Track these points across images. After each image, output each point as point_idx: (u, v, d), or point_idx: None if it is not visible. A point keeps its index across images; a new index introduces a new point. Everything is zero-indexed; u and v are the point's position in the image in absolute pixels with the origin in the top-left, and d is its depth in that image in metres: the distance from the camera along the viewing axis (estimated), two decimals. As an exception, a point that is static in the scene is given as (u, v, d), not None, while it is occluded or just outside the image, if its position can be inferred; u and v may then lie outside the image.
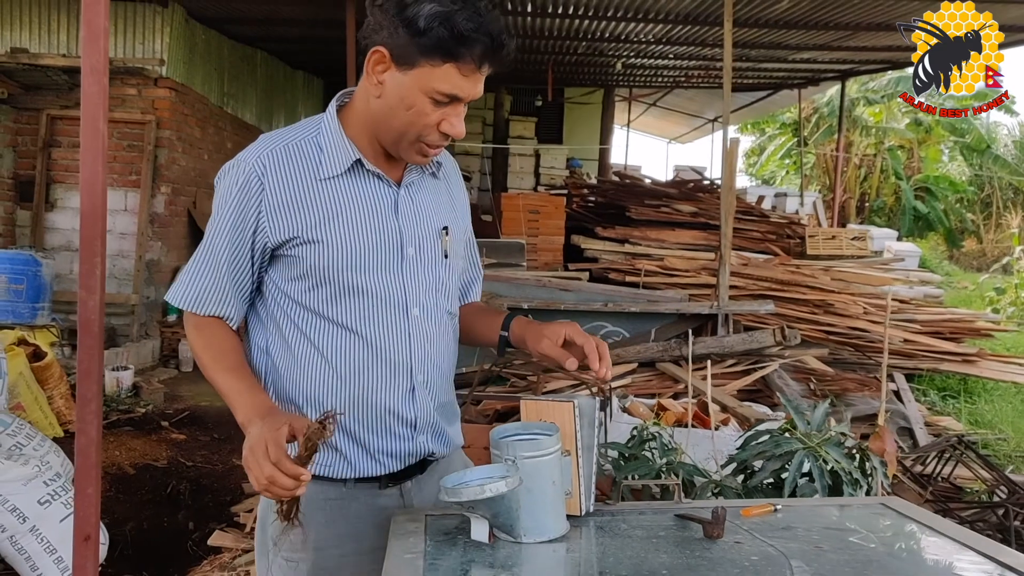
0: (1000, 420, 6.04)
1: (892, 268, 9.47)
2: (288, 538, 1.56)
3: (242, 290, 1.56)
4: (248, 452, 1.33)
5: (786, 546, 1.41)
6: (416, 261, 1.56)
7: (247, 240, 1.51)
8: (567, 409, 1.50)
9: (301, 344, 1.55)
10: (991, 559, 1.37)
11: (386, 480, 1.60)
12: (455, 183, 1.70)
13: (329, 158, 1.52)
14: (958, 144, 19.94)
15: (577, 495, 1.50)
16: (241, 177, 1.49)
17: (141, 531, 4.26)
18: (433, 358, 1.60)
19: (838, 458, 2.52)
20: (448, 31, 1.36)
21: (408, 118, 1.44)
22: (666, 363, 5.72)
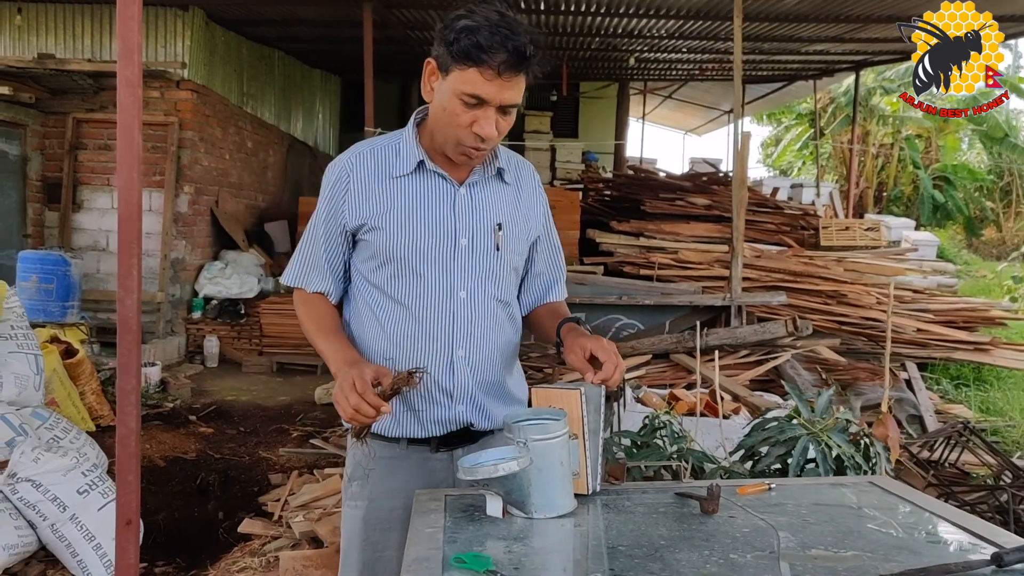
0: (1011, 408, 6.10)
1: (906, 258, 9.51)
2: (351, 488, 1.86)
3: (335, 268, 1.84)
4: (338, 389, 1.60)
5: (775, 520, 1.53)
6: (469, 251, 1.78)
7: (337, 225, 1.80)
8: (574, 396, 1.63)
9: (368, 317, 1.82)
10: (964, 529, 1.48)
11: (436, 444, 1.82)
12: (527, 190, 1.89)
13: (402, 160, 1.78)
14: (976, 132, 19.80)
15: (584, 475, 1.63)
16: (335, 174, 1.80)
17: (173, 521, 4.43)
18: (476, 337, 1.80)
19: (841, 443, 2.62)
20: (472, 41, 1.59)
21: (446, 119, 1.67)
22: (680, 354, 5.83)
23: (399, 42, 9.28)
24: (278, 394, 6.77)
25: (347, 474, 1.89)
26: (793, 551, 1.39)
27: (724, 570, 1.31)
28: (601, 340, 1.73)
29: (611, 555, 1.39)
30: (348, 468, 1.89)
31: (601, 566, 1.35)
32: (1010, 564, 1.29)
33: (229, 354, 7.75)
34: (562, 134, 13.74)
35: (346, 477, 1.89)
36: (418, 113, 1.82)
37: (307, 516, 3.72)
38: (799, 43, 9.59)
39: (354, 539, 1.84)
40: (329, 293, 1.86)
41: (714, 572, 1.31)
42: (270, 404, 6.47)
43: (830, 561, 1.35)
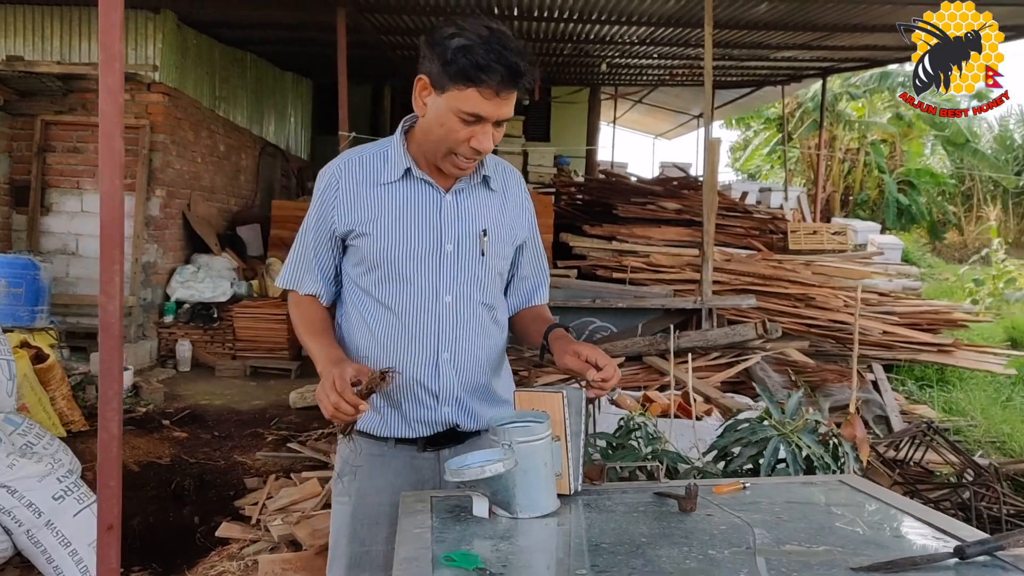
0: (973, 408, 6.26)
1: (872, 262, 9.69)
2: (340, 484, 1.92)
3: (325, 272, 1.90)
4: (320, 388, 1.66)
5: (751, 517, 1.60)
6: (454, 256, 1.83)
7: (326, 231, 1.86)
8: (557, 399, 1.69)
9: (357, 320, 1.88)
10: (929, 524, 1.56)
11: (423, 444, 1.88)
12: (513, 197, 1.94)
13: (390, 167, 1.84)
14: (939, 138, 20.20)
15: (566, 476, 1.69)
16: (325, 181, 1.86)
17: (148, 526, 4.41)
18: (461, 341, 1.85)
19: (810, 444, 2.70)
20: (469, 61, 1.63)
21: (441, 134, 1.72)
22: (652, 357, 5.91)
23: (372, 46, 9.29)
24: (252, 398, 6.75)
25: (337, 470, 1.95)
26: (768, 547, 1.45)
27: (703, 565, 1.37)
28: (595, 347, 1.79)
29: (594, 552, 1.45)
30: (337, 465, 1.95)
31: (585, 563, 1.41)
32: (972, 556, 1.36)
33: (202, 358, 7.71)
34: (534, 138, 13.81)
35: (336, 473, 1.95)
36: (405, 121, 1.86)
37: (285, 519, 3.74)
38: (767, 50, 9.74)
39: (342, 533, 1.89)
40: (320, 296, 1.92)
41: (694, 567, 1.36)
42: (244, 408, 6.45)
43: (803, 556, 1.41)
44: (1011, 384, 7.04)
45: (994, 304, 11.25)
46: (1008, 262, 12.85)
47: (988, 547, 1.37)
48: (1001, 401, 6.52)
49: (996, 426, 5.84)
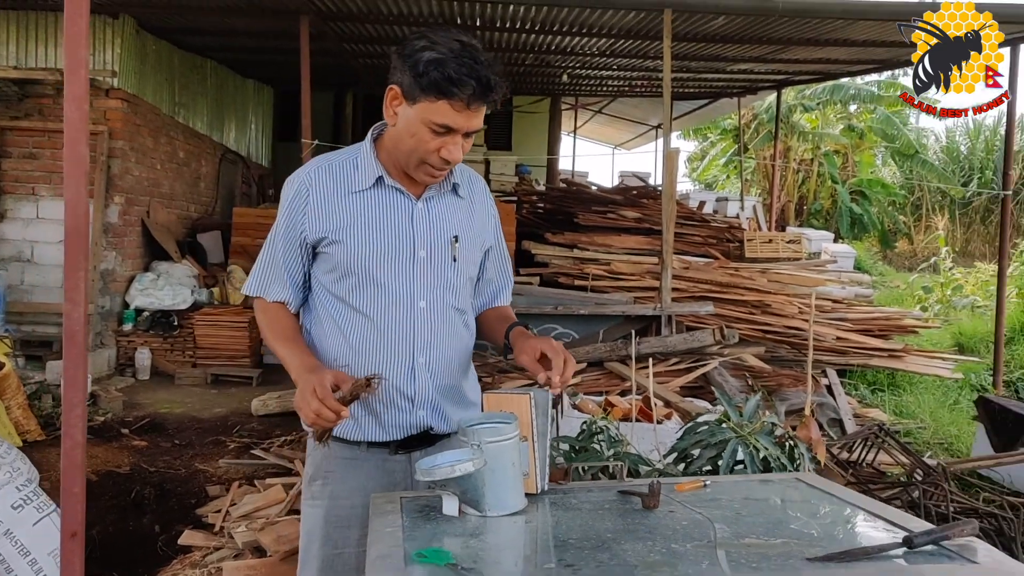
0: (922, 411, 6.45)
1: (826, 269, 9.92)
2: (312, 488, 1.93)
3: (294, 278, 1.91)
4: (299, 395, 1.69)
5: (711, 513, 1.66)
6: (427, 262, 1.87)
7: (296, 237, 1.87)
8: (524, 401, 1.74)
9: (329, 326, 1.89)
10: (880, 517, 1.64)
11: (395, 447, 1.91)
12: (480, 203, 1.99)
13: (360, 175, 1.86)
14: (889, 149, 20.70)
15: (533, 475, 1.74)
16: (294, 189, 1.88)
17: (107, 535, 4.36)
18: (436, 345, 1.89)
19: (767, 445, 2.78)
20: (441, 74, 1.66)
21: (412, 144, 1.76)
22: (613, 362, 5.99)
23: (334, 54, 9.28)
24: (213, 406, 6.70)
25: (308, 474, 1.96)
26: (728, 540, 1.52)
27: (667, 558, 1.43)
28: (550, 340, 1.84)
29: (562, 548, 1.50)
30: (309, 469, 1.96)
31: (552, 558, 1.46)
32: (919, 546, 1.44)
33: (162, 366, 7.63)
34: (496, 147, 13.89)
35: (307, 477, 1.96)
36: (375, 129, 1.90)
37: (249, 526, 3.73)
38: (724, 62, 9.93)
39: (314, 536, 1.91)
40: (289, 302, 1.93)
41: (657, 560, 1.42)
42: (206, 416, 6.40)
43: (761, 548, 1.48)
44: (958, 388, 7.26)
45: (942, 311, 11.57)
46: (955, 270, 13.23)
47: (934, 537, 1.45)
48: (948, 404, 6.73)
49: (944, 428, 6.04)
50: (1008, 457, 4.18)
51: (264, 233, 2.00)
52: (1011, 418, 4.78)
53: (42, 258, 7.59)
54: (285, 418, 6.16)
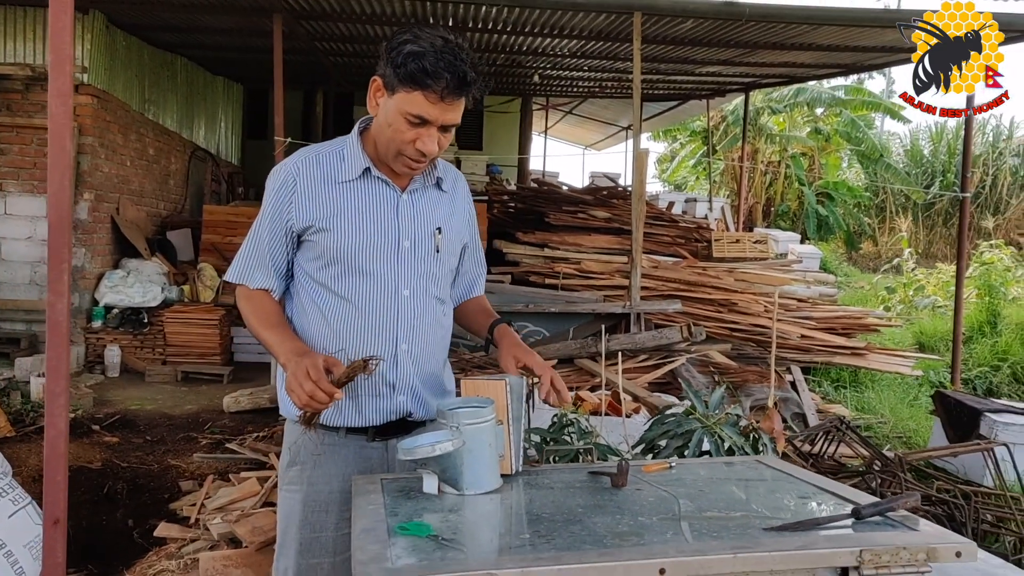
0: (883, 406, 6.63)
1: (791, 269, 10.12)
2: (289, 474, 1.98)
3: (278, 266, 1.95)
4: (291, 377, 1.72)
5: (676, 490, 1.76)
6: (411, 252, 1.93)
7: (282, 226, 1.91)
8: (500, 386, 1.83)
9: (313, 313, 1.94)
10: (832, 493, 1.75)
11: (373, 433, 1.96)
12: (461, 200, 2.07)
13: (347, 166, 1.92)
14: (855, 152, 21.07)
15: (509, 456, 1.83)
16: (281, 179, 1.92)
17: (80, 529, 4.37)
18: (418, 332, 1.96)
19: (732, 435, 2.89)
20: (418, 66, 1.73)
21: (389, 134, 1.82)
22: (584, 359, 6.10)
23: (305, 53, 9.31)
24: (184, 403, 6.70)
25: (285, 461, 2.00)
26: (691, 514, 1.62)
27: (634, 529, 1.53)
28: (534, 354, 1.94)
29: (536, 522, 1.59)
30: (286, 456, 2.01)
31: (526, 530, 1.55)
32: (867, 516, 1.55)
33: (132, 364, 7.60)
34: (467, 146, 13.97)
35: (284, 464, 2.01)
36: (362, 122, 1.96)
37: (225, 518, 3.78)
38: (693, 65, 10.09)
39: (292, 520, 1.95)
40: (272, 290, 1.97)
41: (625, 531, 1.52)
42: (176, 413, 6.40)
43: (722, 520, 1.58)
44: (918, 385, 7.47)
45: (904, 311, 11.83)
46: (917, 271, 13.53)
47: (880, 508, 1.57)
48: (908, 400, 6.92)
49: (903, 422, 6.22)
50: (961, 446, 4.34)
51: (234, 231, 2.06)
52: (966, 412, 4.96)
53: (10, 255, 7.53)
54: (257, 414, 6.19)
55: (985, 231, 18.90)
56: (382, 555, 1.39)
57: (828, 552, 1.42)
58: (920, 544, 1.44)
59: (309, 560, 1.94)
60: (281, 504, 2.00)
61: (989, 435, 4.66)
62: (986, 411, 4.86)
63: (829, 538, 1.48)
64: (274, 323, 1.92)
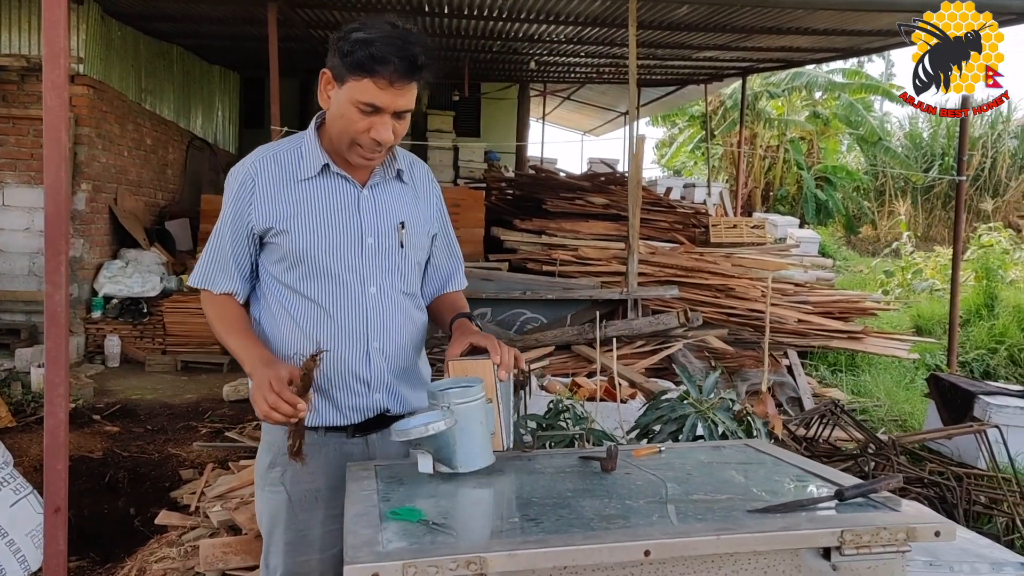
0: (879, 390, 6.67)
1: (788, 254, 10.13)
2: (271, 475, 1.94)
3: (242, 269, 1.91)
4: (255, 388, 1.70)
5: (664, 474, 1.79)
6: (375, 249, 1.91)
7: (244, 228, 1.88)
8: (487, 365, 1.83)
9: (281, 315, 1.91)
10: (816, 475, 1.78)
11: (352, 431, 1.95)
12: (423, 189, 2.03)
13: (306, 163, 1.89)
14: (853, 136, 21.05)
15: (499, 433, 1.84)
16: (239, 179, 1.89)
17: (82, 518, 4.42)
18: (388, 329, 1.94)
19: (725, 420, 2.92)
20: (365, 52, 1.71)
21: (343, 125, 1.80)
22: (581, 345, 6.13)
23: (300, 40, 9.29)
24: (184, 392, 6.74)
25: (265, 461, 1.98)
26: (678, 497, 1.65)
27: (621, 511, 1.56)
28: (490, 337, 1.89)
29: (525, 505, 1.62)
30: (266, 456, 1.98)
31: (516, 513, 1.58)
32: (849, 498, 1.58)
33: (132, 353, 7.64)
34: (464, 133, 13.94)
35: (263, 464, 1.98)
36: (318, 117, 1.92)
37: (224, 506, 3.81)
38: (690, 50, 10.07)
39: (278, 520, 1.94)
40: (236, 293, 1.93)
41: (613, 514, 1.55)
42: (177, 402, 6.44)
43: (708, 503, 1.61)
44: (914, 368, 7.50)
45: (903, 294, 11.85)
46: (916, 254, 13.54)
47: (863, 490, 1.59)
48: (904, 383, 6.96)
49: (899, 406, 6.26)
50: (954, 429, 4.38)
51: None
52: (960, 394, 4.99)
53: (9, 246, 7.55)
54: (257, 403, 6.22)
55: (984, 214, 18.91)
56: (374, 539, 1.42)
57: (810, 533, 1.45)
58: (900, 524, 1.47)
59: (297, 558, 1.94)
60: (265, 504, 1.98)
61: (983, 417, 4.69)
62: (980, 394, 4.89)
63: (811, 519, 1.51)
64: (239, 329, 1.88)
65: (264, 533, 1.99)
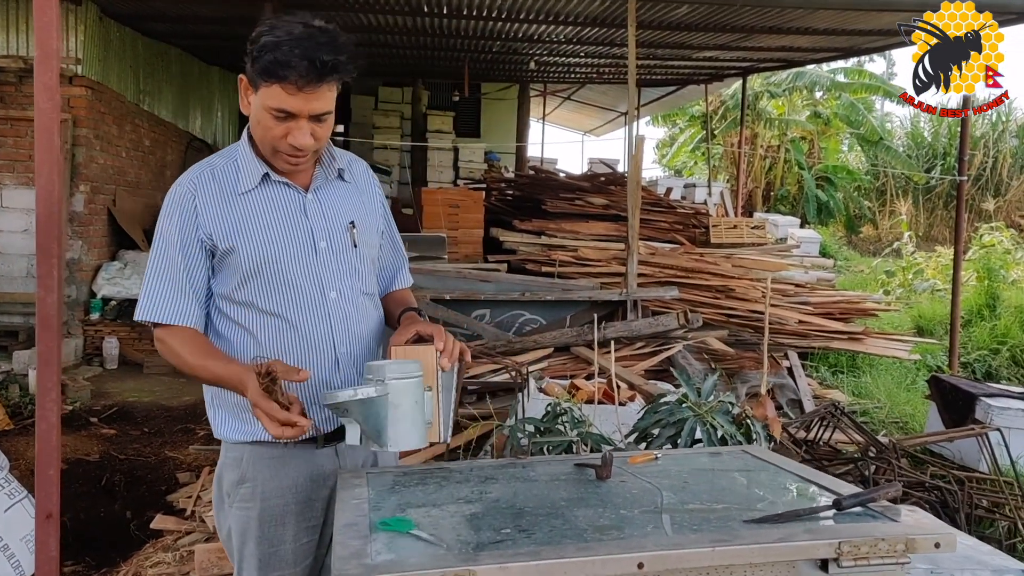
0: (880, 391, 6.63)
1: (789, 254, 10.10)
2: (240, 491, 1.87)
3: (199, 294, 1.83)
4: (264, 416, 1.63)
5: (660, 482, 1.76)
6: (329, 252, 1.86)
7: (195, 244, 1.80)
8: (430, 351, 1.78)
9: (239, 335, 1.85)
10: (814, 483, 1.75)
11: (322, 440, 1.90)
12: (364, 185, 1.99)
13: (244, 175, 1.83)
14: (854, 136, 21.00)
15: (437, 424, 1.78)
16: (180, 199, 1.81)
17: (79, 521, 4.41)
18: (354, 332, 1.90)
19: (724, 423, 2.89)
20: (271, 57, 1.65)
21: (261, 132, 1.76)
22: (580, 347, 6.10)
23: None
24: (182, 395, 6.71)
25: (233, 477, 1.89)
26: (674, 506, 1.62)
27: (615, 522, 1.53)
28: (438, 327, 1.84)
29: (518, 515, 1.59)
30: (232, 472, 1.89)
31: (509, 524, 1.55)
32: (847, 507, 1.55)
33: (130, 355, 7.62)
34: (464, 134, 13.93)
35: (230, 480, 1.89)
36: (248, 127, 1.86)
37: (221, 510, 3.79)
38: (690, 50, 10.05)
39: (248, 537, 1.88)
40: (196, 321, 1.82)
41: (606, 524, 1.52)
42: (174, 404, 6.42)
43: (704, 513, 1.59)
44: (916, 369, 7.46)
45: (904, 295, 11.81)
46: (917, 254, 13.50)
47: (861, 499, 1.57)
48: (905, 385, 6.92)
49: (899, 407, 6.22)
50: (955, 432, 4.35)
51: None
52: (961, 396, 4.95)
53: (7, 248, 7.53)
54: (255, 406, 6.19)
55: (986, 213, 18.87)
56: (362, 551, 1.39)
57: (807, 544, 1.42)
58: (899, 535, 1.44)
59: (271, 574, 1.89)
60: (234, 521, 1.90)
61: (984, 420, 4.66)
62: (981, 395, 4.85)
63: (808, 530, 1.48)
64: (207, 352, 1.79)
65: (234, 551, 1.92)
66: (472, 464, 1.96)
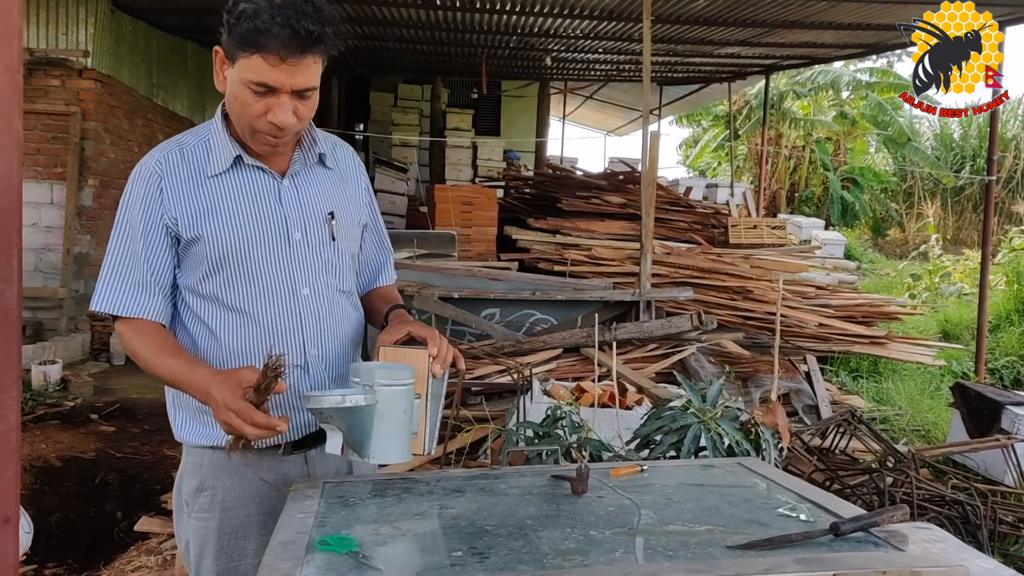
0: (901, 398, 6.39)
1: (810, 256, 9.86)
2: (199, 500, 1.73)
3: (163, 285, 1.67)
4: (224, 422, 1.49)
5: (641, 499, 1.59)
6: (303, 245, 1.70)
7: (159, 231, 1.64)
8: (422, 356, 1.62)
9: (201, 331, 1.70)
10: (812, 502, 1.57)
11: (289, 448, 1.75)
12: (348, 173, 1.83)
13: (215, 157, 1.67)
14: (881, 136, 20.59)
15: (423, 435, 1.63)
16: (144, 179, 1.65)
17: (67, 521, 4.31)
18: (326, 333, 1.74)
19: (729, 431, 2.72)
20: (251, 25, 1.50)
21: (239, 109, 1.60)
22: (589, 348, 5.92)
23: (315, 35, 9.17)
24: (186, 392, 6.62)
25: (192, 484, 1.75)
26: (651, 527, 1.45)
27: (582, 545, 1.36)
28: (432, 329, 1.69)
29: (477, 535, 1.42)
30: (192, 478, 1.75)
31: (464, 545, 1.39)
32: (846, 533, 1.37)
33: (136, 352, 7.54)
34: (484, 132, 13.78)
35: (189, 487, 1.75)
36: (224, 105, 1.71)
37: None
38: (711, 46, 9.84)
39: (207, 550, 1.73)
40: (159, 315, 1.67)
41: (572, 548, 1.35)
42: (177, 402, 6.32)
43: (683, 536, 1.41)
44: (940, 375, 7.21)
45: (930, 298, 11.52)
46: (944, 257, 13.17)
47: (862, 524, 1.39)
48: (929, 391, 6.67)
49: (922, 415, 5.99)
50: (978, 443, 4.12)
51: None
52: (986, 404, 4.72)
53: None
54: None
55: (1016, 216, 18.42)
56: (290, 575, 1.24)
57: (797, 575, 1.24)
58: (904, 566, 1.26)
59: None
60: (192, 533, 1.75)
61: (1011, 429, 4.43)
62: (1008, 404, 4.62)
63: (800, 559, 1.30)
64: (169, 351, 1.63)
65: (191, 563, 1.77)
66: (440, 475, 1.79)
